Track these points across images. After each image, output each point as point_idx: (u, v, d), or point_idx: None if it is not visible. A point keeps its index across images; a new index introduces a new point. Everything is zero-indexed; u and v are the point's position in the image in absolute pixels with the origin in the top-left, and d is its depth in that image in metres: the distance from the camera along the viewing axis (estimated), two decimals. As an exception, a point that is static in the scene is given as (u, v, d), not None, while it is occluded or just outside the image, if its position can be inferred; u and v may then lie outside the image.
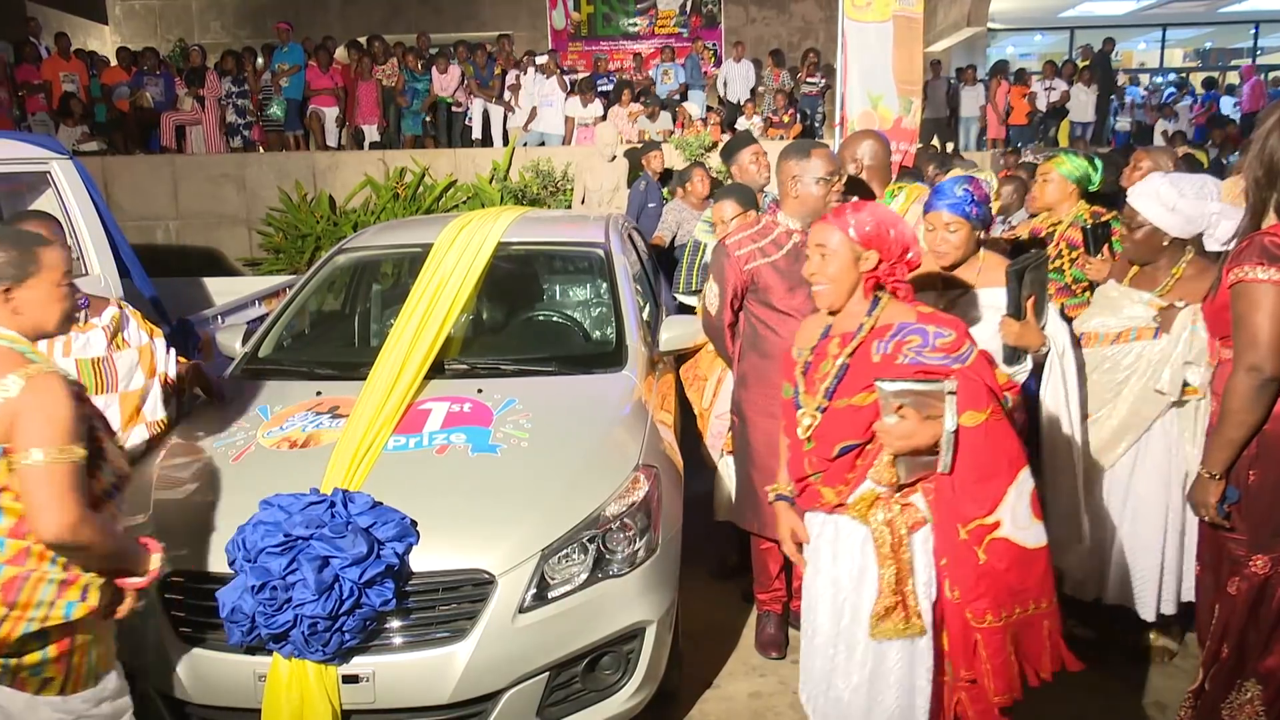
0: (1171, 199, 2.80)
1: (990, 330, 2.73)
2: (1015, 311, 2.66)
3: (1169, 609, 3.05)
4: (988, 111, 11.83)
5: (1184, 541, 2.99)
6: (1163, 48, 17.65)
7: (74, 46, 11.38)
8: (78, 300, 2.12)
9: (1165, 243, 2.88)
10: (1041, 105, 11.96)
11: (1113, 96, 12.86)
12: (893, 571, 2.06)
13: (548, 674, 2.43)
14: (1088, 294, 3.30)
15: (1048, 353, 2.77)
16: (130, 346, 2.96)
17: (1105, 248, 3.30)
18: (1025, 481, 2.04)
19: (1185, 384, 2.86)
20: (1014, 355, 2.72)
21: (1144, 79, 16.03)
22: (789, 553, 2.36)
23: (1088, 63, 12.68)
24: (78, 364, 2.81)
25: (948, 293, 2.82)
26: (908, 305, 2.17)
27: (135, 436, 2.94)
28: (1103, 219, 3.38)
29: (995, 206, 3.64)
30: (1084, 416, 2.94)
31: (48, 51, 10.91)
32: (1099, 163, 3.55)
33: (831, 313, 2.20)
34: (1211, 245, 2.78)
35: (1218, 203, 2.75)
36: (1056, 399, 2.86)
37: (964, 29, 13.08)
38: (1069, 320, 3.04)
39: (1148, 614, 3.05)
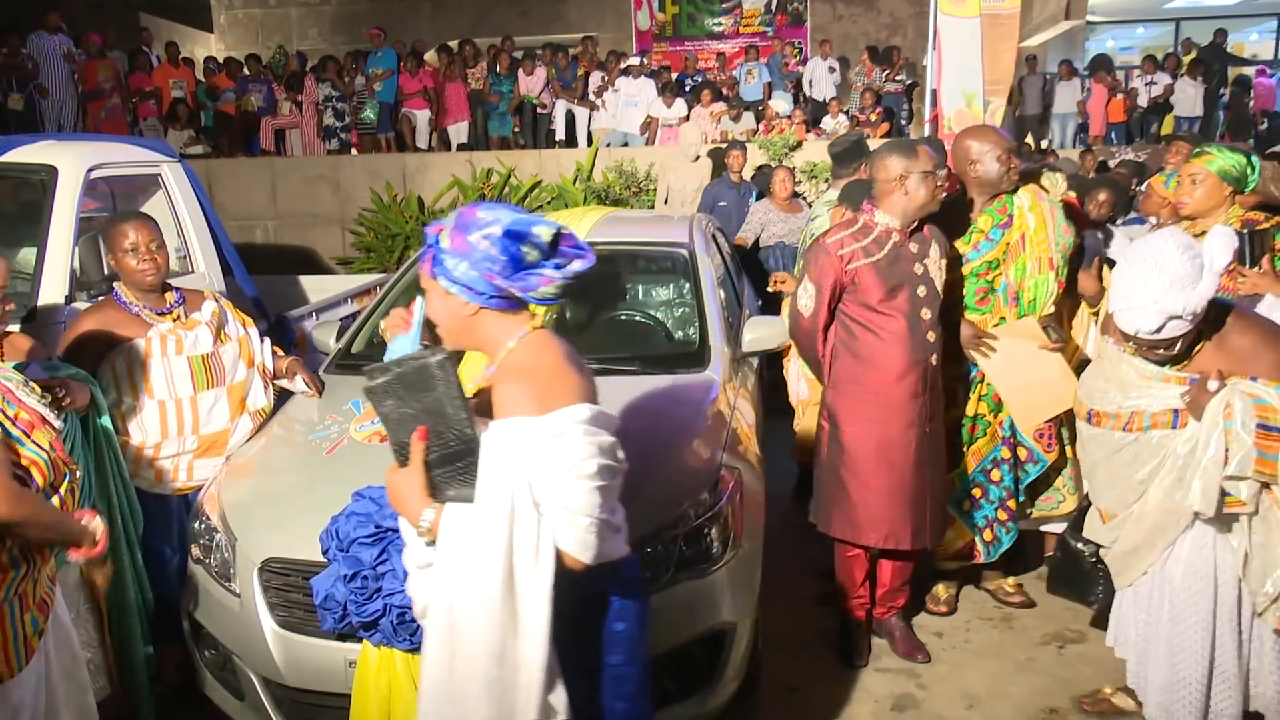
0: (1198, 304, 2.23)
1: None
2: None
3: None
4: (1088, 108, 11.40)
5: (1246, 644, 2.41)
6: (1278, 38, 16.72)
7: (181, 54, 11.93)
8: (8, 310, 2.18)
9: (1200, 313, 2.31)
10: (1142, 101, 11.47)
11: (1223, 90, 12.23)
12: None
13: (628, 672, 2.44)
14: None
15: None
16: (231, 340, 3.07)
17: (1265, 260, 2.83)
18: None
19: (1225, 495, 2.23)
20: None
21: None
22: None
23: (1191, 55, 12.11)
24: (189, 362, 2.92)
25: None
26: None
27: (242, 427, 3.05)
28: (1259, 226, 2.94)
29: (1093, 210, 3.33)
30: None
31: (158, 60, 11.47)
32: (1255, 160, 3.07)
33: None
34: None
35: (1218, 251, 2.30)
36: None
37: (1061, 22, 12.65)
38: None
39: None
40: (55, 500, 1.92)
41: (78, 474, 2.01)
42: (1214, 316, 2.33)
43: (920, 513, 3.02)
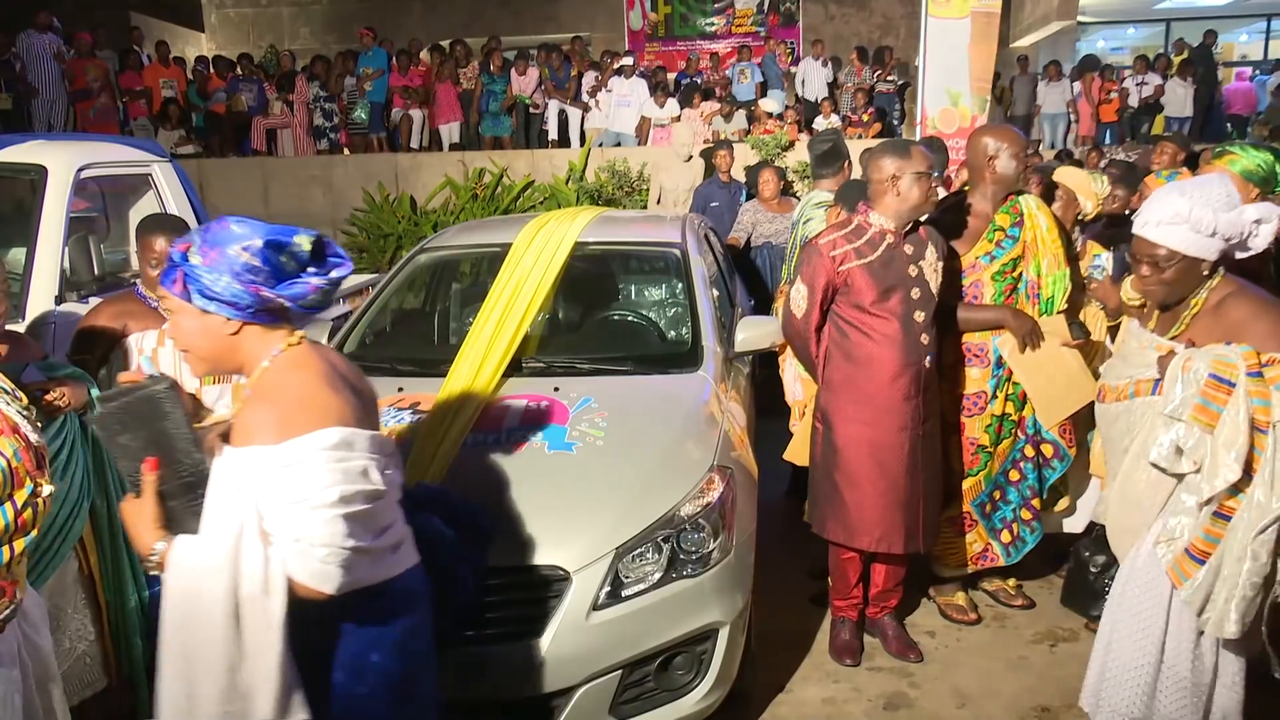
0: (1208, 219, 2.15)
1: None
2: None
3: None
4: (1079, 108, 11.45)
5: (1208, 654, 2.23)
6: (1267, 39, 16.81)
7: (172, 54, 11.88)
8: None
9: (1205, 271, 2.24)
10: (1133, 101, 11.53)
11: (1214, 92, 12.30)
12: None
13: (621, 672, 2.45)
14: None
15: None
16: None
17: None
18: None
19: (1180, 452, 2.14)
20: None
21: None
22: None
23: (1182, 56, 12.18)
24: None
25: None
26: None
27: None
28: None
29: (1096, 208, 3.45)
30: None
31: (148, 59, 11.42)
32: None
33: None
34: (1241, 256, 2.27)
35: (1252, 206, 2.22)
36: None
37: (1052, 23, 12.67)
38: None
39: None
40: (10, 509, 1.83)
41: (44, 491, 1.92)
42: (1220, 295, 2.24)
43: (913, 516, 3.02)
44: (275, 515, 1.53)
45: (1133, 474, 2.31)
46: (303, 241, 1.64)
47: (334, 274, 1.69)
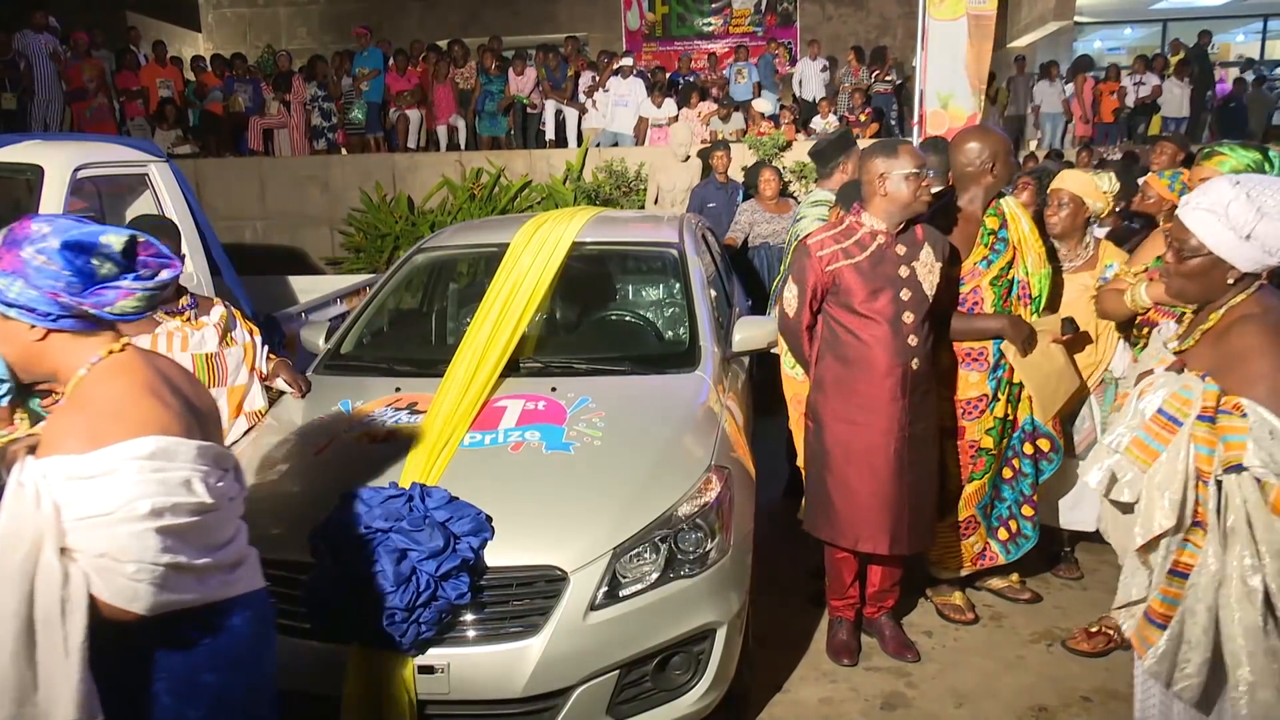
0: (1246, 219, 1.86)
1: None
2: None
3: None
4: (1074, 108, 11.47)
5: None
6: (1263, 39, 16.84)
7: (169, 53, 11.86)
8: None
9: (1231, 280, 1.94)
10: (1130, 101, 11.55)
11: (1209, 92, 12.33)
12: None
13: (618, 672, 2.44)
14: None
15: None
16: (237, 344, 3.13)
17: None
18: None
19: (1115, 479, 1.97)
20: None
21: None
22: None
23: (1179, 56, 12.20)
24: (193, 359, 2.98)
25: None
26: None
27: (237, 428, 3.10)
28: None
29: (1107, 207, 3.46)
30: None
31: (145, 59, 11.40)
32: (1275, 155, 2.79)
33: None
34: None
35: None
36: None
37: (1049, 23, 12.69)
38: None
39: None
40: None
41: None
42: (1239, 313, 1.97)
43: (900, 518, 3.00)
44: (79, 530, 1.42)
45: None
46: (113, 241, 1.50)
47: (160, 277, 1.56)
